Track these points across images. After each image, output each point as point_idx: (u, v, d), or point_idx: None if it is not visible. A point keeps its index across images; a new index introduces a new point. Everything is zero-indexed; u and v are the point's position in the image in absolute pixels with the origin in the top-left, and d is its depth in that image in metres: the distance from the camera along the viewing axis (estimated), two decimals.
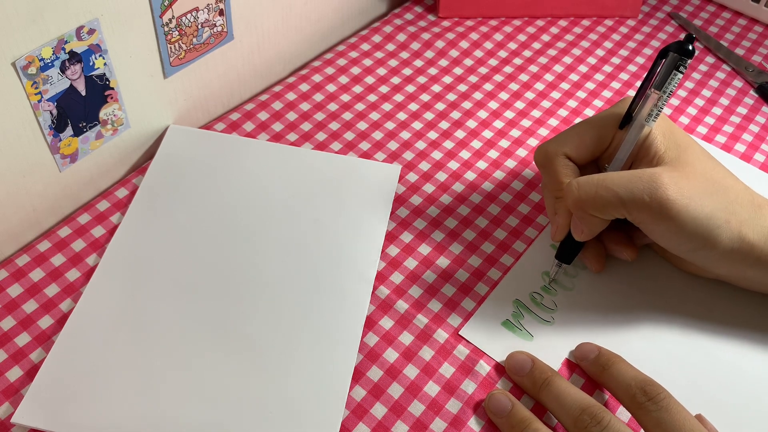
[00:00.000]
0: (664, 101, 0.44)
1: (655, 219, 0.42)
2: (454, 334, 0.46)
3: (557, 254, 0.48)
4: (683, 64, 0.43)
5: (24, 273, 0.47)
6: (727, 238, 0.43)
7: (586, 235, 0.46)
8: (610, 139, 0.47)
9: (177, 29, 0.50)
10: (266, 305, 0.46)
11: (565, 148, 0.47)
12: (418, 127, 0.59)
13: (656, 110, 0.44)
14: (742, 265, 0.44)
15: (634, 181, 0.42)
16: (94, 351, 0.43)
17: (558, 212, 0.47)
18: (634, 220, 0.43)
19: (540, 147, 0.48)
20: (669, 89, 0.44)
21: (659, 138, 0.45)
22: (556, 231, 0.47)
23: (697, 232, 0.42)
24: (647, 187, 0.42)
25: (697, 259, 0.45)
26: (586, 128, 0.47)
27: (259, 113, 0.58)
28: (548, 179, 0.48)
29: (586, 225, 0.45)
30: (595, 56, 0.66)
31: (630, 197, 0.42)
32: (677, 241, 0.44)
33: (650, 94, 0.44)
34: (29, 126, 0.45)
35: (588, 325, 0.47)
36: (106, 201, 0.52)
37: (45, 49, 0.42)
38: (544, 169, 0.48)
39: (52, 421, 0.40)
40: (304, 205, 0.52)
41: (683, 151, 0.44)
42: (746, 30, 0.69)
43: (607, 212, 0.43)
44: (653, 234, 0.44)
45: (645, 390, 0.39)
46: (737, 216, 0.43)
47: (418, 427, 0.42)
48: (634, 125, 0.45)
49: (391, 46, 0.65)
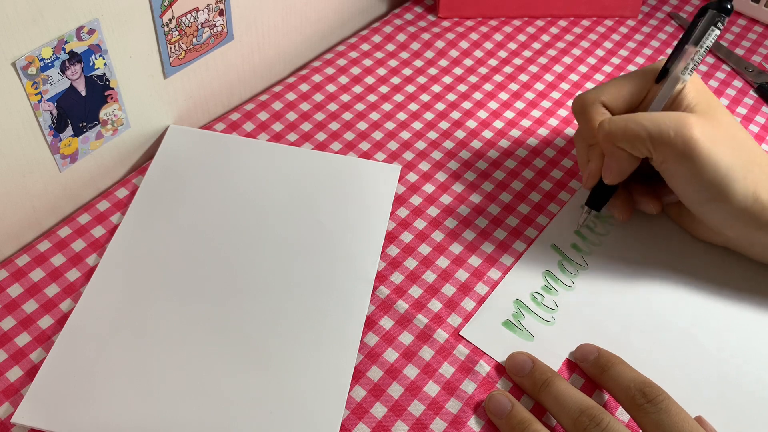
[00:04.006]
0: (701, 56, 0.47)
1: (678, 157, 0.44)
2: (454, 334, 0.46)
3: (588, 201, 0.51)
4: (721, 20, 0.46)
5: (24, 273, 0.47)
6: (741, 194, 0.44)
7: (616, 176, 0.48)
8: (646, 92, 0.49)
9: (177, 29, 0.50)
10: (266, 305, 0.46)
11: (603, 96, 0.49)
12: (418, 127, 0.59)
13: (692, 64, 0.47)
14: (752, 226, 0.45)
15: (662, 118, 0.45)
16: (94, 351, 0.43)
17: (591, 158, 0.49)
18: (657, 158, 0.45)
19: (578, 96, 0.50)
20: (706, 44, 0.46)
21: (692, 93, 0.47)
22: (588, 177, 0.50)
23: (714, 180, 0.44)
24: (674, 124, 0.44)
25: (709, 214, 0.47)
26: (624, 80, 0.49)
27: (259, 113, 0.58)
28: (584, 126, 0.50)
29: (616, 162, 0.47)
30: (595, 56, 0.66)
31: (657, 131, 0.44)
32: (694, 186, 0.45)
33: (687, 49, 0.47)
34: (29, 126, 0.45)
35: (588, 326, 0.47)
36: (106, 201, 0.52)
37: (45, 49, 0.42)
38: (581, 116, 0.50)
39: (52, 421, 0.40)
40: (304, 205, 0.52)
41: (713, 108, 0.47)
42: (746, 30, 0.69)
43: (634, 145, 0.45)
44: (673, 177, 0.46)
45: (644, 392, 0.39)
46: (754, 175, 0.44)
47: (418, 427, 0.42)
48: (670, 78, 0.47)
49: (391, 47, 0.65)
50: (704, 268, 0.50)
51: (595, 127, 0.48)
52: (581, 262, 0.50)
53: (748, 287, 0.49)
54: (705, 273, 0.50)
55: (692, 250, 0.51)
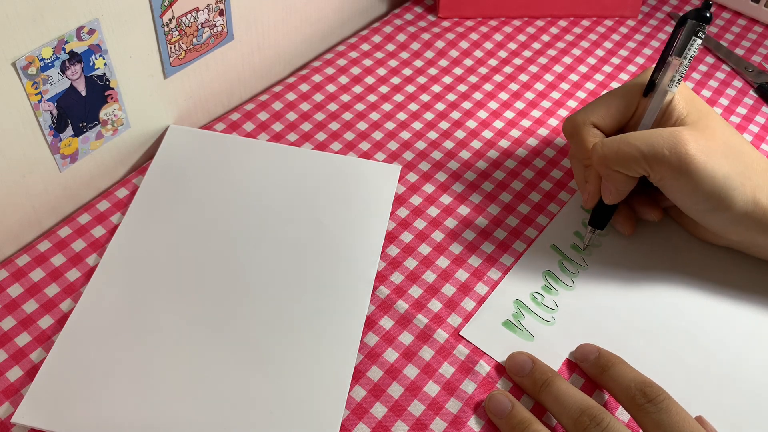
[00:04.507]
0: (685, 67, 0.46)
1: (674, 174, 0.44)
2: (454, 334, 0.46)
3: (590, 221, 0.50)
4: (701, 29, 0.46)
5: (24, 273, 0.47)
6: (741, 201, 0.44)
7: (615, 197, 0.47)
8: (635, 107, 0.49)
9: (177, 29, 0.50)
10: (266, 305, 0.46)
11: (593, 117, 0.49)
12: (418, 127, 0.59)
13: (678, 76, 0.46)
14: (755, 230, 0.46)
15: (655, 137, 0.44)
16: (94, 351, 0.43)
17: (588, 179, 0.49)
18: (654, 176, 0.45)
19: (568, 118, 0.50)
20: (689, 55, 0.46)
21: (681, 104, 0.47)
22: (588, 198, 0.49)
23: (713, 191, 0.44)
24: (668, 142, 0.44)
25: (712, 222, 0.47)
26: (612, 98, 0.49)
27: (259, 113, 0.58)
28: (577, 148, 0.50)
29: (613, 184, 0.47)
30: (595, 56, 0.66)
31: (651, 151, 0.44)
32: (693, 199, 0.45)
33: (671, 61, 0.47)
34: (29, 126, 0.45)
35: (588, 325, 0.47)
36: (106, 201, 0.52)
37: (45, 49, 0.42)
38: (573, 138, 0.50)
39: (52, 421, 0.40)
40: (304, 205, 0.52)
41: (704, 116, 0.47)
42: (746, 30, 0.69)
43: (630, 167, 0.45)
44: (671, 191, 0.46)
45: (644, 391, 0.39)
46: (752, 181, 0.44)
47: (418, 427, 0.42)
48: (658, 92, 0.47)
49: (391, 47, 0.65)
50: (704, 267, 0.50)
51: (588, 149, 0.48)
52: (581, 262, 0.50)
53: (748, 287, 0.49)
54: (705, 272, 0.50)
55: (693, 250, 0.51)
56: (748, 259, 0.50)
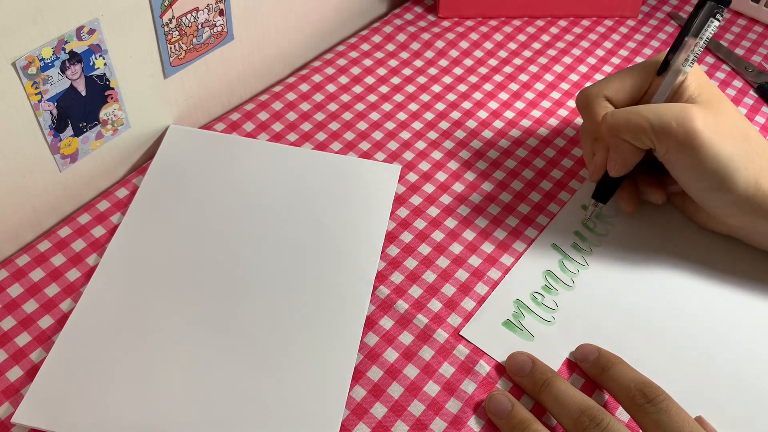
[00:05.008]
0: (701, 48, 0.47)
1: (679, 147, 0.44)
2: (454, 334, 0.46)
3: (594, 194, 0.51)
4: (720, 11, 0.46)
5: (24, 273, 0.47)
6: (743, 184, 0.44)
7: (620, 168, 0.48)
8: (648, 84, 0.50)
9: (177, 29, 0.50)
10: (266, 305, 0.46)
11: (606, 90, 0.49)
12: (418, 127, 0.59)
13: (692, 56, 0.47)
14: (755, 215, 0.46)
15: (664, 109, 0.45)
16: (94, 351, 0.43)
17: (596, 151, 0.50)
18: (660, 149, 0.46)
19: (581, 90, 0.51)
20: (706, 36, 0.46)
21: (693, 84, 0.48)
22: (594, 170, 0.50)
23: (716, 170, 0.44)
24: (676, 116, 0.44)
25: (712, 203, 0.47)
26: (626, 73, 0.50)
27: (259, 113, 0.58)
28: (588, 121, 0.50)
29: (619, 154, 0.47)
30: (595, 56, 0.66)
31: (659, 122, 0.44)
32: (696, 175, 0.45)
33: (687, 41, 0.47)
34: (29, 126, 0.45)
35: (589, 325, 0.47)
36: (106, 201, 0.52)
37: (45, 49, 0.42)
38: (584, 111, 0.50)
39: (52, 421, 0.40)
40: (304, 205, 0.52)
41: (715, 98, 0.47)
42: (746, 30, 0.69)
43: (637, 137, 0.46)
44: (675, 166, 0.46)
45: (644, 392, 0.39)
46: (756, 164, 0.45)
47: (418, 427, 0.42)
48: (671, 70, 0.48)
49: (391, 47, 0.65)
50: (705, 268, 0.50)
51: (598, 121, 0.48)
52: (582, 262, 0.50)
53: (749, 287, 0.49)
54: (705, 274, 0.50)
55: (694, 250, 0.51)
56: (748, 260, 0.50)
